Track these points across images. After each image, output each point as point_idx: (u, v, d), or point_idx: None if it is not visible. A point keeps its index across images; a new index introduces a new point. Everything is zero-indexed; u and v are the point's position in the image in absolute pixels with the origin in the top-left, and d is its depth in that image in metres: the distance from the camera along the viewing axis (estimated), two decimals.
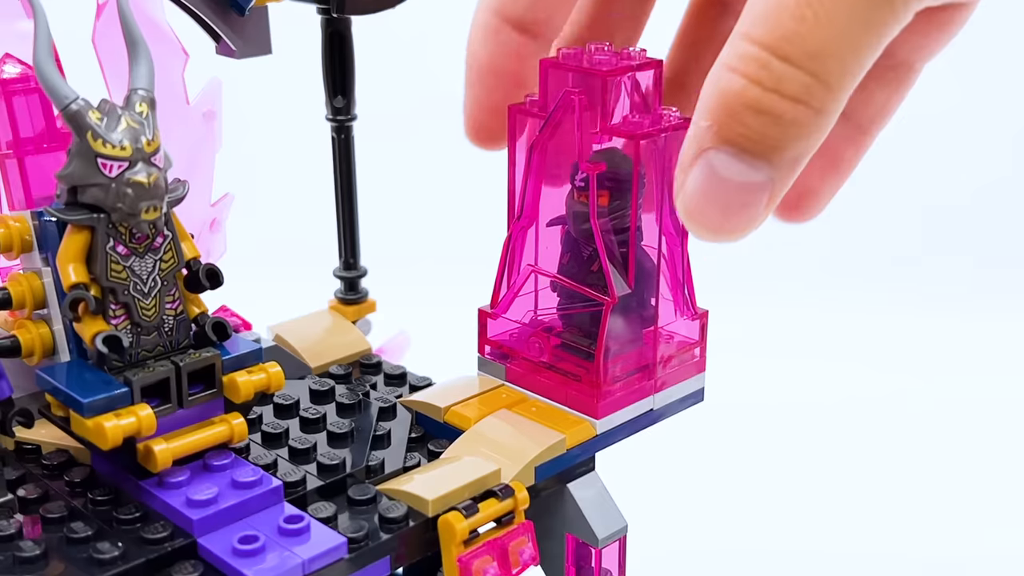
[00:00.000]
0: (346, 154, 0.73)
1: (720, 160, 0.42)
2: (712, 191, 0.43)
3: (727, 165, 0.42)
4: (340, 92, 0.71)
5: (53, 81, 0.47)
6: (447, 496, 0.52)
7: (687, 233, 0.59)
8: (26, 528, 0.49)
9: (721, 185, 0.43)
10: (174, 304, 0.51)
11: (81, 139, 0.47)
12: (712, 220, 0.44)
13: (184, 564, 0.47)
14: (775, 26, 0.41)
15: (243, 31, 0.65)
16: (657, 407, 0.61)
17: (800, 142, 0.42)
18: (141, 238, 0.50)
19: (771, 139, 0.42)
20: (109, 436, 0.47)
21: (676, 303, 0.61)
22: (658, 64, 0.57)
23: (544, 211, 0.61)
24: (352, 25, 0.71)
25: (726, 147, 0.42)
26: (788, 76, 0.41)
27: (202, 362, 0.51)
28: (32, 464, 0.54)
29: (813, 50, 0.40)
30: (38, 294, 0.52)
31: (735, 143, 0.42)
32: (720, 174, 0.42)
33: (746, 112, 0.41)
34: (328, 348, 0.69)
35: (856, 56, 0.41)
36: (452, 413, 0.59)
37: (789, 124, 0.41)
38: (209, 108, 0.65)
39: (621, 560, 0.60)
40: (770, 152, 0.42)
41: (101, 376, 0.49)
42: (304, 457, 0.56)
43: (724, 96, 0.42)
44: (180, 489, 0.50)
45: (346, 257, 0.75)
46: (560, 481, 0.58)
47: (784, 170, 0.43)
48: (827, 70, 0.41)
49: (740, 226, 0.44)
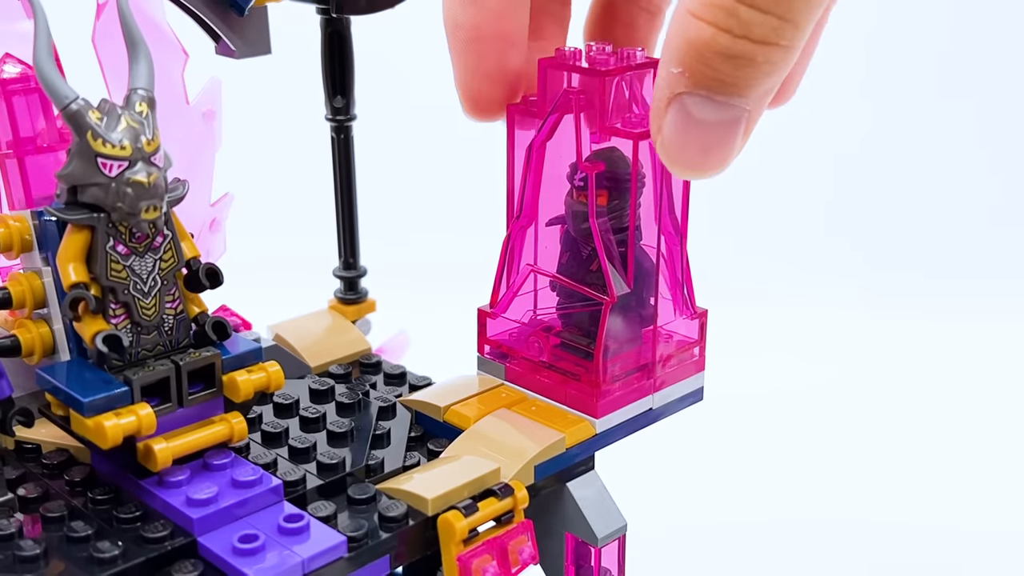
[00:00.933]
0: (346, 154, 0.73)
1: (694, 103, 0.43)
2: (689, 132, 0.44)
3: (701, 107, 0.43)
4: (340, 92, 0.72)
5: (53, 81, 0.47)
6: (447, 495, 0.52)
7: (687, 233, 0.59)
8: (26, 527, 0.49)
9: (698, 126, 0.44)
10: (174, 303, 0.51)
11: (81, 139, 0.47)
12: (692, 159, 0.45)
13: (184, 563, 0.47)
14: None
15: (243, 31, 0.65)
16: (656, 406, 0.61)
17: (772, 77, 0.43)
18: (141, 237, 0.50)
19: (743, 79, 0.43)
20: (109, 435, 0.47)
21: (675, 302, 0.61)
22: (657, 63, 0.57)
23: (543, 211, 0.62)
24: (352, 25, 0.71)
25: (699, 91, 0.43)
26: (756, 21, 0.41)
27: (202, 361, 0.51)
28: (32, 463, 0.54)
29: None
30: (38, 293, 0.52)
31: (708, 87, 0.43)
32: (695, 116, 0.43)
33: (717, 58, 0.42)
34: (328, 348, 0.69)
35: None
36: (452, 412, 0.60)
37: (761, 64, 0.42)
38: (209, 108, 0.65)
39: (620, 559, 0.60)
40: (743, 90, 0.43)
41: (101, 375, 0.49)
42: (304, 456, 0.56)
43: (693, 44, 0.42)
44: (180, 488, 0.50)
45: (346, 257, 0.75)
46: (560, 480, 0.58)
47: (757, 102, 0.44)
48: (793, 9, 0.41)
49: (719, 161, 0.45)
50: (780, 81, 0.44)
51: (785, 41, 0.42)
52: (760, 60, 0.42)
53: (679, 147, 0.45)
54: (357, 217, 0.75)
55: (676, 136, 0.44)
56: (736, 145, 0.45)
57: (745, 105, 0.43)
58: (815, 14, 0.42)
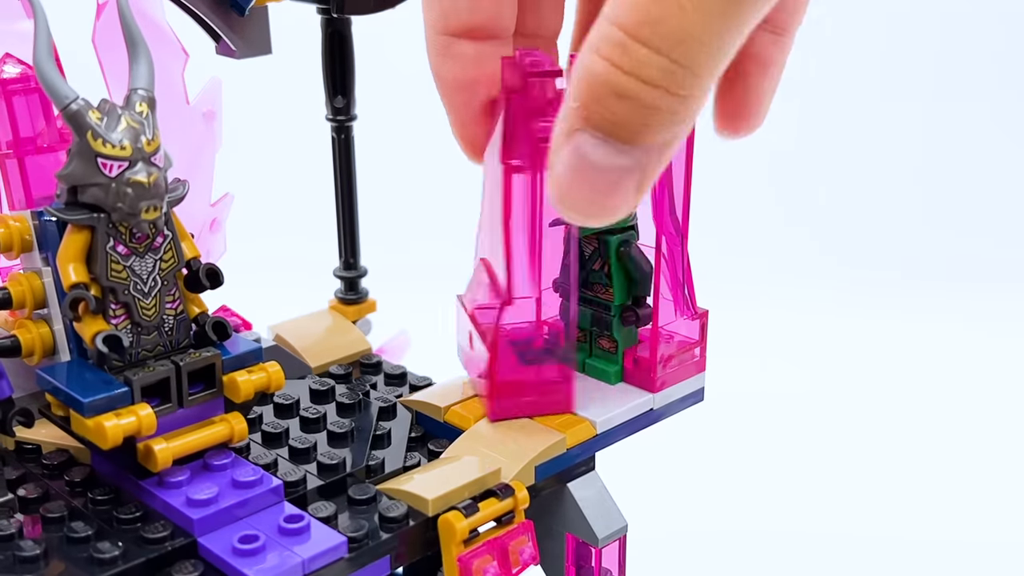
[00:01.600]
0: (346, 154, 0.73)
1: (587, 143, 0.41)
2: (581, 174, 0.41)
3: (594, 148, 0.41)
4: (340, 92, 0.72)
5: (53, 81, 0.47)
6: (447, 495, 0.52)
7: (688, 233, 0.59)
8: (26, 528, 0.49)
9: (589, 168, 0.41)
10: (174, 304, 0.51)
11: (81, 139, 0.47)
12: (581, 203, 0.42)
13: (184, 564, 0.47)
14: (636, 8, 0.39)
15: (243, 31, 0.65)
16: (657, 407, 0.61)
17: (666, 128, 0.40)
18: (141, 238, 0.50)
19: (635, 124, 0.40)
20: (109, 436, 0.47)
21: (676, 303, 0.61)
22: None
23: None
24: (352, 25, 0.71)
25: (592, 130, 0.41)
26: (647, 61, 0.39)
27: (202, 362, 0.51)
28: (32, 464, 0.54)
29: (674, 35, 0.39)
30: (38, 294, 0.52)
31: (600, 127, 0.40)
32: (588, 157, 0.41)
33: (609, 96, 0.40)
34: (328, 348, 0.69)
35: (721, 40, 0.39)
36: (452, 413, 0.59)
37: (652, 110, 0.40)
38: (209, 108, 0.65)
39: (621, 560, 0.60)
40: (635, 137, 0.40)
41: (101, 376, 0.49)
42: (304, 457, 0.56)
43: (589, 78, 0.40)
44: (180, 489, 0.50)
45: (346, 257, 0.75)
46: (560, 481, 0.58)
47: (652, 155, 0.41)
48: (690, 55, 0.39)
49: (609, 210, 0.42)
50: (680, 136, 0.41)
51: (680, 89, 0.39)
52: (651, 104, 0.40)
53: (568, 188, 0.42)
54: (358, 217, 0.75)
55: (568, 176, 0.41)
56: (628, 197, 0.42)
57: (639, 155, 0.41)
58: (717, 65, 0.40)
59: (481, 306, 0.59)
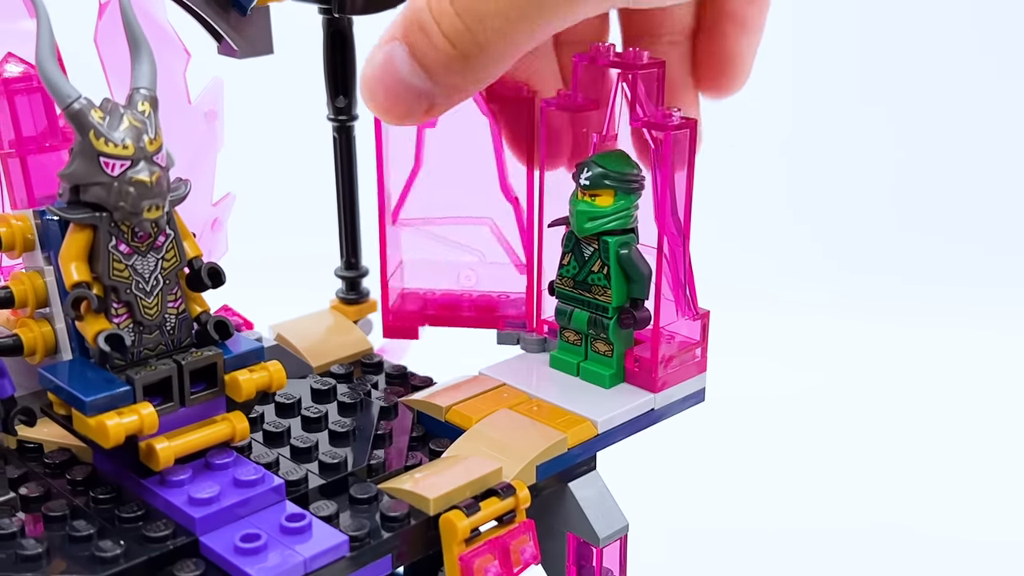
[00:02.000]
0: (347, 154, 0.73)
1: (398, 52, 0.49)
2: (386, 75, 0.49)
3: (401, 60, 0.49)
4: (342, 92, 0.72)
5: (55, 80, 0.47)
6: (448, 495, 0.52)
7: (689, 233, 0.59)
8: (28, 526, 0.49)
9: (394, 73, 0.49)
10: (176, 303, 0.51)
11: (83, 138, 0.47)
12: (378, 98, 0.50)
13: (186, 562, 0.47)
14: None
15: (245, 31, 0.65)
16: (658, 407, 0.61)
17: (451, 75, 0.49)
18: (143, 237, 0.50)
19: (429, 58, 0.48)
20: (111, 434, 0.47)
21: (677, 303, 0.61)
22: (660, 64, 0.57)
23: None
24: (353, 25, 0.71)
25: (403, 44, 0.49)
26: (449, 17, 0.47)
27: (204, 361, 0.51)
28: (34, 463, 0.54)
29: (476, 12, 0.47)
30: (40, 293, 0.52)
31: (408, 45, 0.49)
32: (395, 63, 0.49)
33: (415, 25, 0.48)
34: (329, 347, 0.69)
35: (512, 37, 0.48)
36: (453, 412, 0.59)
37: (439, 54, 0.48)
38: (211, 108, 0.65)
39: (622, 559, 0.60)
40: (428, 68, 0.49)
41: (103, 375, 0.49)
42: (306, 456, 0.56)
43: (413, 3, 0.49)
44: (182, 487, 0.50)
45: (347, 257, 0.75)
46: (561, 480, 0.58)
47: (441, 90, 0.49)
48: (483, 29, 0.47)
49: (399, 115, 0.51)
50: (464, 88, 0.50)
51: (463, 49, 0.48)
52: (440, 49, 0.48)
53: (375, 82, 0.50)
54: (359, 217, 0.75)
55: (376, 72, 0.49)
56: (416, 112, 0.50)
57: (430, 85, 0.49)
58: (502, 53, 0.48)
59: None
